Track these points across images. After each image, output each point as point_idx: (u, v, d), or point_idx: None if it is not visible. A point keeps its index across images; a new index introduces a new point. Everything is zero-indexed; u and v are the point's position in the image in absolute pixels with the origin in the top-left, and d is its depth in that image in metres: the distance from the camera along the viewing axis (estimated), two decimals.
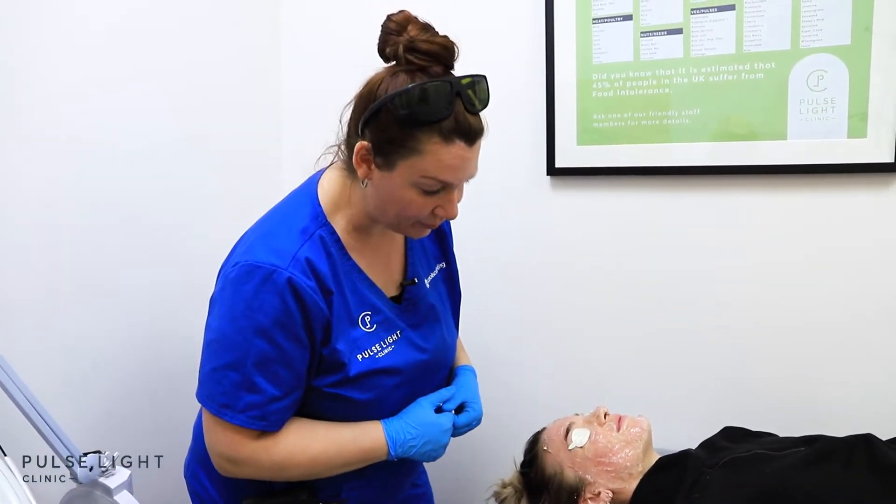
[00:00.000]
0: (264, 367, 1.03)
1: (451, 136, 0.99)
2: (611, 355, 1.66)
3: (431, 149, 0.99)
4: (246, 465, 1.09)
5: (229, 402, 1.05)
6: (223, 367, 1.05)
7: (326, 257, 1.07)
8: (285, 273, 1.01)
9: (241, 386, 1.04)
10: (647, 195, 1.60)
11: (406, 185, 1.02)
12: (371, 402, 1.13)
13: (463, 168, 1.03)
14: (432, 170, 1.00)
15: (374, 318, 1.12)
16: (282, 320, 1.02)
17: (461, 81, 1.01)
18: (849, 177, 1.44)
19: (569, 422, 1.35)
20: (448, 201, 1.06)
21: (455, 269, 1.33)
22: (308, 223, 1.07)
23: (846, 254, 1.46)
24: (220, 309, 1.06)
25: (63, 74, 1.31)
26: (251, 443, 1.07)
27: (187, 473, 1.28)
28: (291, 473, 1.11)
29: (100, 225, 1.39)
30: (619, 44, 1.56)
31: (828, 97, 1.42)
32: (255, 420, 1.05)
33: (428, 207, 1.05)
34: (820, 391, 1.51)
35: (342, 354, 1.08)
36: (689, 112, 1.53)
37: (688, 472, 1.23)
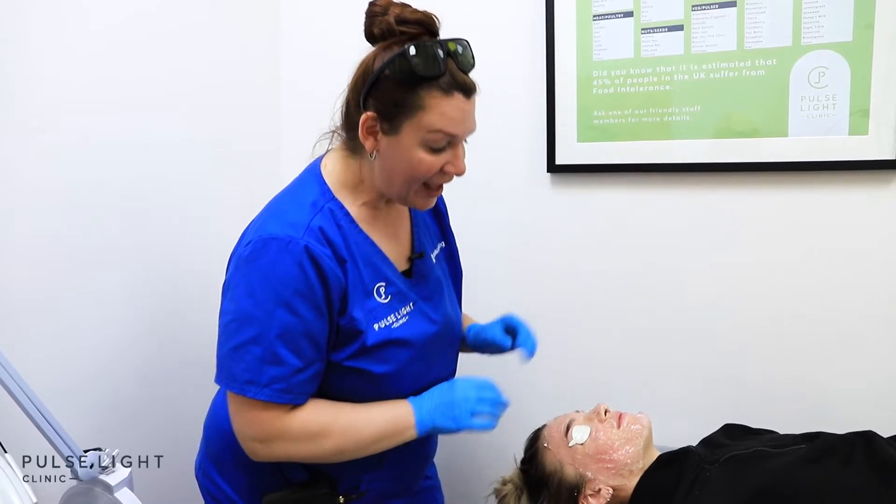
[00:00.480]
0: (287, 338, 1.03)
1: (450, 89, 1.03)
2: (611, 352, 1.66)
3: (433, 103, 1.03)
4: (277, 443, 1.07)
5: (253, 378, 1.03)
6: (244, 343, 1.04)
7: (337, 228, 1.08)
8: (301, 242, 1.03)
9: (264, 360, 1.03)
10: (648, 192, 1.59)
11: (414, 146, 1.05)
12: (389, 376, 1.12)
13: (464, 120, 1.06)
14: (437, 123, 1.03)
15: (388, 289, 1.13)
16: (301, 290, 1.03)
17: (448, 44, 1.06)
18: (850, 174, 1.43)
19: (569, 419, 1.36)
20: (455, 156, 1.09)
21: (455, 247, 1.35)
22: (317, 198, 1.10)
23: (847, 251, 1.46)
24: (235, 289, 1.06)
25: (63, 74, 1.31)
26: (280, 418, 1.06)
27: (199, 473, 1.26)
28: (323, 448, 1.09)
29: (100, 223, 1.39)
30: (619, 40, 1.56)
31: (829, 94, 1.42)
32: (280, 393, 1.04)
33: (437, 165, 1.07)
34: (821, 388, 1.50)
35: (359, 322, 1.08)
36: (690, 109, 1.52)
37: (688, 469, 1.23)
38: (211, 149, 1.65)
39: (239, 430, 1.09)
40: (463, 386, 1.16)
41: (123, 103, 1.42)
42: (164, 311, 1.54)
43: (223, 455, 1.21)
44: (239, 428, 1.09)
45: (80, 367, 1.36)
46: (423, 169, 1.07)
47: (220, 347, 1.08)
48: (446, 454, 1.22)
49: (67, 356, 1.34)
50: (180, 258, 1.57)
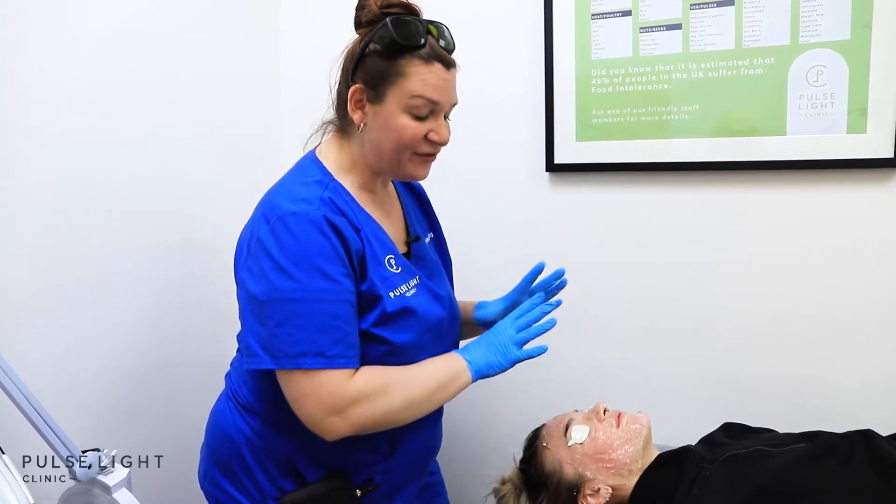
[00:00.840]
0: (328, 304, 1.05)
1: (430, 59, 1.10)
2: (609, 351, 1.66)
3: (414, 70, 1.10)
4: (353, 409, 1.06)
5: (305, 350, 1.04)
6: (287, 318, 1.04)
7: (345, 203, 1.13)
8: (319, 212, 1.06)
9: (311, 329, 1.04)
10: (647, 191, 1.59)
11: (398, 112, 1.11)
12: (408, 348, 1.14)
13: (445, 89, 1.13)
14: (419, 89, 1.10)
15: (398, 261, 1.17)
16: (330, 256, 1.05)
17: (429, 25, 1.13)
18: (848, 172, 1.43)
19: (568, 418, 1.35)
20: (438, 125, 1.14)
21: (443, 237, 1.39)
22: (320, 178, 1.14)
23: (846, 249, 1.46)
24: (262, 269, 1.06)
25: (63, 69, 1.31)
26: (348, 382, 1.06)
27: (204, 482, 1.25)
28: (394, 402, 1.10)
29: (98, 219, 1.38)
30: (618, 39, 1.56)
31: (827, 92, 1.42)
32: (333, 359, 1.05)
33: (421, 132, 1.12)
34: (820, 387, 1.50)
35: (378, 287, 1.11)
36: (689, 108, 1.52)
37: (687, 468, 1.23)
38: (211, 143, 1.64)
39: (310, 413, 1.07)
40: (501, 325, 1.21)
41: (123, 98, 1.41)
42: (164, 307, 1.53)
43: (231, 461, 1.20)
44: (309, 410, 1.07)
45: (80, 366, 1.36)
46: (407, 135, 1.12)
47: (257, 332, 1.06)
48: (446, 453, 1.22)
49: (67, 355, 1.33)
50: (180, 255, 1.56)
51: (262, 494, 1.18)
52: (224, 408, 1.24)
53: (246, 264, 1.10)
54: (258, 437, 1.17)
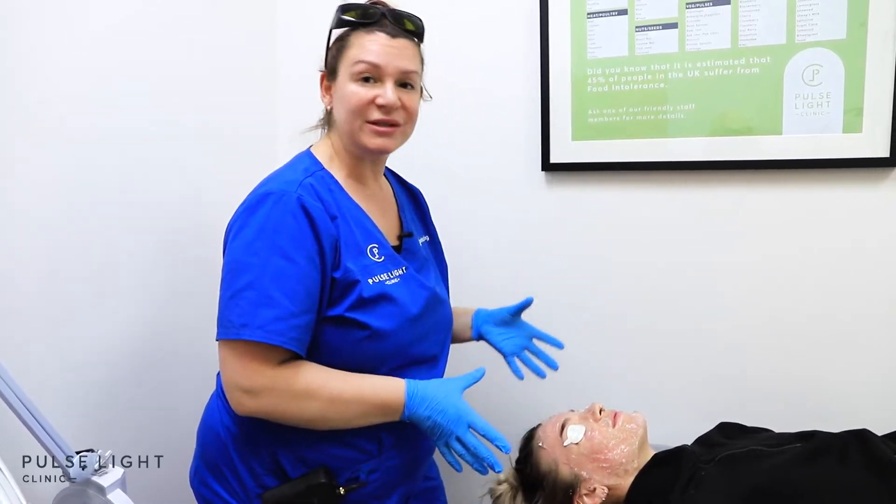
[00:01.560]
0: (281, 281, 1.06)
1: (373, 29, 1.18)
2: (605, 351, 1.66)
3: (356, 41, 1.18)
4: (264, 395, 1.08)
5: (247, 321, 1.06)
6: (240, 290, 1.07)
7: (328, 191, 1.16)
8: (294, 194, 1.09)
9: (258, 302, 1.06)
10: (643, 190, 1.59)
11: (347, 82, 1.17)
12: (387, 333, 1.14)
13: (388, 54, 1.17)
14: (360, 54, 1.16)
15: (381, 250, 1.19)
16: (296, 238, 1.08)
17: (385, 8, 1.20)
18: (844, 172, 1.43)
19: (564, 418, 1.35)
20: (385, 89, 1.16)
21: (438, 242, 1.42)
22: (308, 166, 1.19)
23: (842, 249, 1.46)
24: (233, 243, 1.10)
25: (60, 64, 1.30)
26: (271, 369, 1.07)
27: (195, 482, 1.26)
28: (308, 410, 1.10)
29: (95, 217, 1.37)
30: (613, 38, 1.56)
31: (823, 92, 1.41)
32: (273, 334, 1.05)
33: (367, 96, 1.16)
34: (816, 387, 1.50)
35: (354, 273, 1.13)
36: (685, 107, 1.52)
37: (683, 468, 1.23)
38: (207, 140, 1.63)
39: (227, 381, 1.10)
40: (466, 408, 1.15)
41: (120, 95, 1.41)
42: (161, 304, 1.53)
43: (219, 460, 1.20)
44: (228, 378, 1.10)
45: (75, 366, 1.35)
46: (355, 101, 1.16)
47: (219, 305, 1.10)
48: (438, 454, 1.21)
49: (63, 354, 1.33)
50: (178, 251, 1.55)
51: (247, 492, 1.18)
52: (213, 406, 1.25)
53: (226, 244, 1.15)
54: (243, 434, 1.18)
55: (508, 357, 1.42)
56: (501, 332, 1.44)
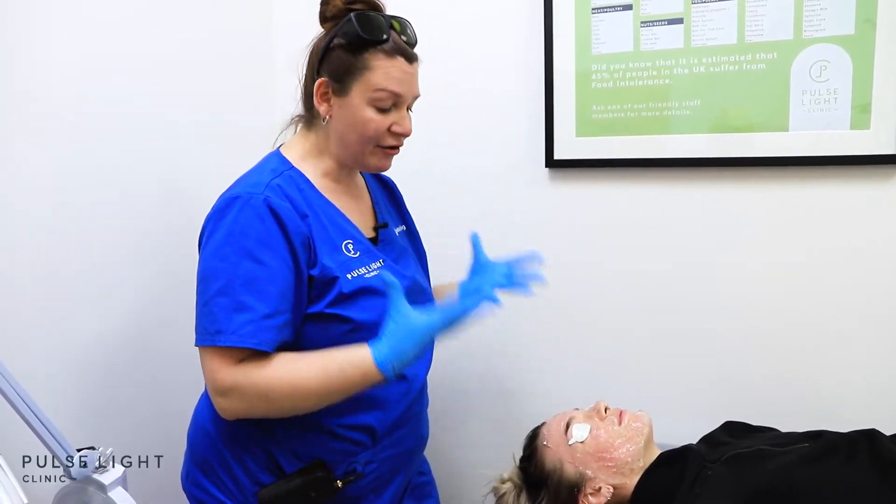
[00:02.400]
0: (252, 285, 1.06)
1: (393, 53, 1.14)
2: (609, 349, 1.65)
3: (378, 64, 1.13)
4: (233, 394, 1.07)
5: (221, 328, 1.06)
6: (212, 297, 1.07)
7: (298, 190, 1.15)
8: (261, 196, 1.09)
9: (230, 308, 1.06)
10: (647, 187, 1.58)
11: (363, 105, 1.14)
12: (371, 325, 1.13)
13: (408, 82, 1.16)
14: (382, 82, 1.13)
15: (356, 246, 1.19)
16: (264, 240, 1.07)
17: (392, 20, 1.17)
18: (851, 169, 1.42)
19: (569, 416, 1.34)
20: (401, 117, 1.17)
21: (415, 229, 1.41)
22: (276, 166, 1.18)
23: (848, 247, 1.45)
24: (203, 251, 1.11)
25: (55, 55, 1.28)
26: (233, 368, 1.06)
27: (187, 484, 1.25)
28: (278, 402, 1.09)
29: (91, 214, 1.36)
30: (618, 34, 1.54)
31: (830, 88, 1.40)
32: (245, 337, 1.05)
33: (384, 124, 1.16)
34: (822, 386, 1.50)
35: (332, 269, 1.13)
36: (690, 103, 1.51)
37: (689, 467, 1.22)
38: (202, 133, 1.62)
39: (208, 387, 1.10)
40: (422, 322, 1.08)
41: (116, 88, 1.39)
42: (158, 302, 1.51)
43: (211, 459, 1.20)
44: (208, 384, 1.10)
45: (72, 365, 1.34)
46: (372, 128, 1.15)
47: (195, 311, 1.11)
48: (440, 452, 1.21)
49: (58, 354, 1.32)
50: (176, 248, 1.53)
51: (242, 490, 1.17)
52: (203, 406, 1.24)
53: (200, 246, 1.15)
54: (235, 432, 1.17)
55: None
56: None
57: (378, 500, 1.23)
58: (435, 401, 1.43)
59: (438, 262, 1.44)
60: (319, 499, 1.15)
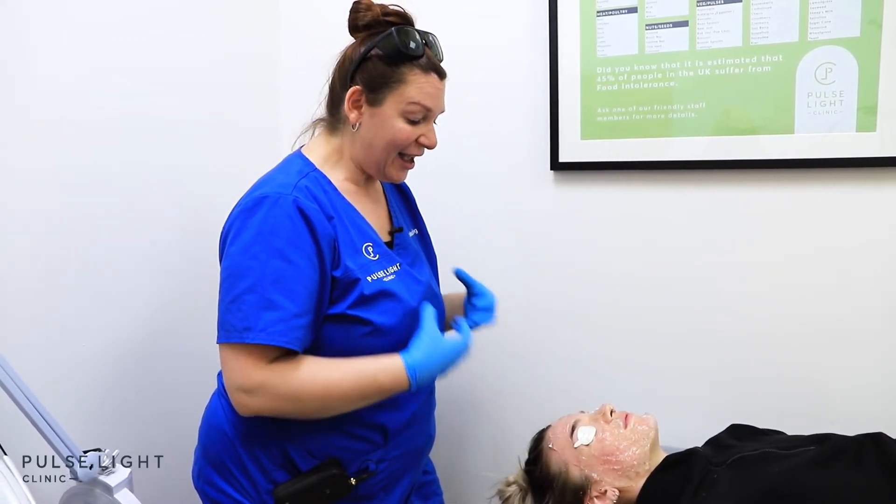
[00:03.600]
0: (282, 284, 1.08)
1: (428, 69, 1.19)
2: (614, 350, 1.65)
3: (413, 79, 1.17)
4: (261, 393, 1.09)
5: (250, 325, 1.07)
6: (240, 294, 1.08)
7: (323, 192, 1.18)
8: (290, 196, 1.11)
9: (260, 306, 1.07)
10: (652, 190, 1.58)
11: (395, 116, 1.18)
12: (388, 329, 1.17)
13: (438, 97, 1.21)
14: (416, 96, 1.18)
15: (375, 248, 1.21)
16: (294, 240, 1.09)
17: (426, 34, 1.21)
18: (857, 171, 1.42)
19: (574, 419, 1.34)
20: (429, 129, 1.22)
21: (427, 234, 1.43)
22: (301, 167, 1.20)
23: (855, 249, 1.45)
24: (231, 249, 1.11)
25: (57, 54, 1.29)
26: (265, 368, 1.08)
27: (198, 481, 1.26)
28: (306, 404, 1.12)
29: (94, 216, 1.36)
30: (623, 36, 1.54)
31: (836, 90, 1.40)
32: (276, 335, 1.07)
33: (413, 135, 1.20)
34: (828, 389, 1.49)
35: (354, 271, 1.15)
36: (695, 106, 1.51)
37: (695, 470, 1.22)
38: (208, 133, 1.62)
39: (228, 383, 1.11)
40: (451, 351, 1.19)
41: (118, 87, 1.39)
42: (162, 300, 1.52)
43: (223, 457, 1.20)
44: (228, 380, 1.11)
45: (74, 366, 1.34)
46: (402, 137, 1.19)
47: (219, 308, 1.12)
48: (445, 454, 1.21)
49: (65, 354, 1.32)
50: (180, 249, 1.54)
51: (257, 488, 1.18)
52: (216, 405, 1.25)
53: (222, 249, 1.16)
54: (250, 430, 1.18)
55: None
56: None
57: (388, 497, 1.26)
58: (441, 402, 1.43)
59: (442, 264, 1.44)
60: (334, 496, 1.17)
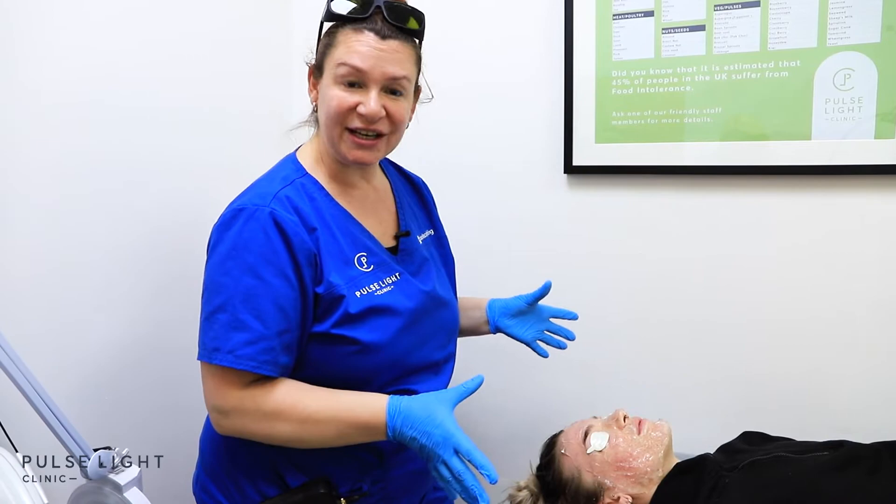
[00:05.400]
0: (251, 302, 1.03)
1: (361, 27, 1.08)
2: (626, 354, 1.64)
3: (343, 39, 1.08)
4: (234, 416, 1.06)
5: (219, 345, 1.03)
6: (213, 311, 1.05)
7: (309, 200, 1.11)
8: (266, 209, 1.05)
9: (229, 325, 1.03)
10: (666, 195, 1.57)
11: (330, 84, 1.09)
12: (379, 347, 1.10)
13: (376, 58, 1.07)
14: (344, 56, 1.07)
15: (370, 259, 1.14)
16: (267, 255, 1.04)
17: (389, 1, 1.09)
18: (875, 178, 1.41)
19: (587, 425, 1.33)
20: (368, 97, 1.08)
21: (444, 235, 1.36)
22: (288, 173, 1.13)
23: (871, 256, 1.44)
24: (207, 262, 1.09)
25: (67, 42, 1.27)
26: (239, 390, 1.05)
27: (196, 488, 1.24)
28: (280, 431, 1.06)
29: (102, 211, 1.35)
30: (639, 40, 1.54)
31: (855, 96, 1.39)
32: (242, 359, 1.03)
33: (347, 103, 1.08)
34: (840, 394, 1.48)
35: (338, 287, 1.08)
36: (711, 111, 1.50)
37: (706, 476, 1.21)
38: (217, 123, 1.60)
39: (206, 401, 1.09)
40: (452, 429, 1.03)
41: (128, 75, 1.38)
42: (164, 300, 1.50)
43: (217, 466, 1.19)
44: (205, 398, 1.09)
45: (75, 364, 1.33)
46: (335, 105, 1.08)
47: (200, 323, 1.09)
48: None
49: (69, 352, 1.31)
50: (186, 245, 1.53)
51: (245, 500, 1.15)
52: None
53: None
54: (243, 443, 1.13)
55: (532, 344, 1.38)
56: (519, 322, 1.39)
57: None
58: None
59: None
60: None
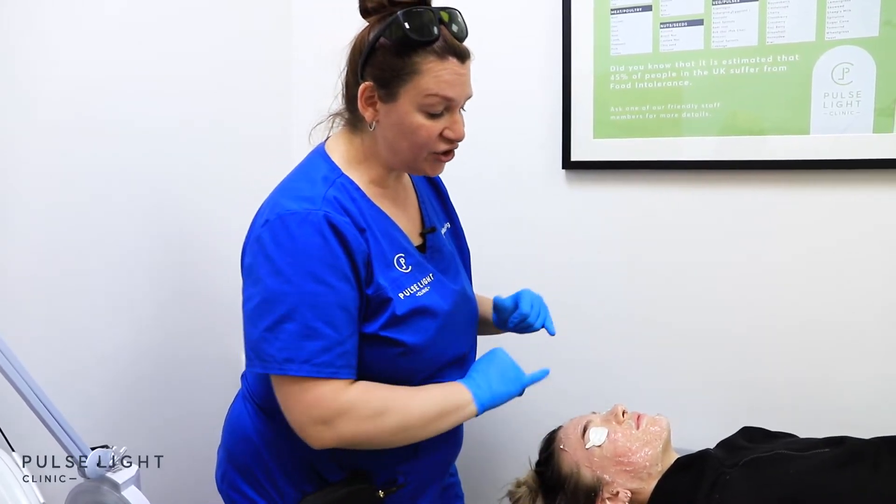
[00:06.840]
0: (321, 310, 1.01)
1: (444, 53, 1.05)
2: (625, 350, 1.64)
3: (428, 67, 1.04)
4: (342, 420, 1.03)
5: (291, 356, 1.01)
6: (276, 322, 1.01)
7: (352, 201, 1.09)
8: (320, 212, 1.03)
9: (299, 335, 1.01)
10: (665, 190, 1.57)
11: (412, 111, 1.06)
12: (421, 349, 1.11)
13: (460, 84, 1.07)
14: (433, 87, 1.04)
15: (408, 259, 1.13)
16: (327, 260, 1.02)
17: (441, 13, 1.07)
18: (874, 173, 1.40)
19: (586, 420, 1.33)
20: (453, 121, 1.09)
21: (459, 226, 1.35)
22: (327, 173, 1.10)
23: (870, 251, 1.43)
24: (259, 271, 1.04)
25: (70, 56, 1.28)
26: (341, 393, 1.03)
27: (222, 485, 1.22)
28: (387, 425, 1.06)
29: (106, 216, 1.36)
30: (637, 35, 1.53)
31: (853, 91, 1.38)
32: (320, 367, 1.01)
33: (436, 130, 1.08)
34: (840, 391, 1.48)
35: (386, 290, 1.08)
36: (709, 105, 1.49)
37: (707, 471, 1.21)
38: (219, 135, 1.61)
39: (297, 419, 1.05)
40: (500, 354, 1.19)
41: (129, 89, 1.39)
42: (172, 301, 1.51)
43: (249, 464, 1.18)
44: (297, 416, 1.04)
45: (77, 365, 1.33)
46: (422, 134, 1.07)
47: (249, 333, 1.05)
48: (464, 458, 1.20)
49: (68, 351, 1.31)
50: (187, 248, 1.54)
51: (283, 498, 1.15)
52: (241, 410, 1.21)
53: (246, 261, 1.08)
54: (279, 439, 1.14)
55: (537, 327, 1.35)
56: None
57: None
58: None
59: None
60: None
